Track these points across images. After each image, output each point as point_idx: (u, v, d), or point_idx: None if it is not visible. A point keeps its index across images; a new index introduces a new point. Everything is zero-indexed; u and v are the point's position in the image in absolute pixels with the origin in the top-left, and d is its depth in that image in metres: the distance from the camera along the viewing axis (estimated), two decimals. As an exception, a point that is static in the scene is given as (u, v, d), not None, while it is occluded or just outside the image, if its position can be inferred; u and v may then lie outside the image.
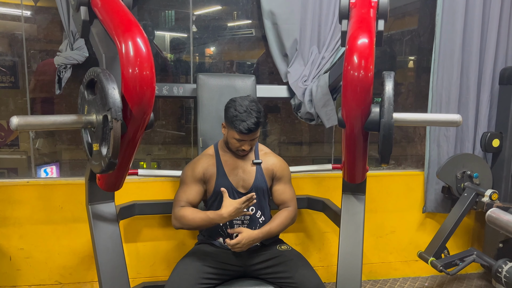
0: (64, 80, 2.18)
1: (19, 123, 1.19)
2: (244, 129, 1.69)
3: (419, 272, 2.85)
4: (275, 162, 1.90)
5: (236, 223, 1.84)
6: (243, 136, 1.73)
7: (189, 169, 1.86)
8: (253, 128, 1.70)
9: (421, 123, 1.99)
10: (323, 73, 2.34)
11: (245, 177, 1.84)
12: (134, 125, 1.35)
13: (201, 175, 1.84)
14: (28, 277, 2.34)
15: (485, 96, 2.61)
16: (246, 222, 1.84)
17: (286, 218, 1.85)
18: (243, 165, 1.85)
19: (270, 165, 1.89)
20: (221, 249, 1.86)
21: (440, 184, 2.68)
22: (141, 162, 2.61)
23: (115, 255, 1.76)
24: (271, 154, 1.94)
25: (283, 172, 1.91)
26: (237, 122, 1.70)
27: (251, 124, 1.69)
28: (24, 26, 2.28)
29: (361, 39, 1.45)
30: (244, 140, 1.76)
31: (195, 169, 1.84)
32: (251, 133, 1.72)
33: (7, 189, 2.25)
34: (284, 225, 1.84)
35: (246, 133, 1.71)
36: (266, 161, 1.89)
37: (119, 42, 1.29)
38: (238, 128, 1.70)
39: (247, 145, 1.77)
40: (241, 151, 1.80)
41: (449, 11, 2.51)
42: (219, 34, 2.54)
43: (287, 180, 1.93)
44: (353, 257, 1.89)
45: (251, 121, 1.70)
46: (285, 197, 1.90)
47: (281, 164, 1.92)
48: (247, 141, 1.76)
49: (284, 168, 1.92)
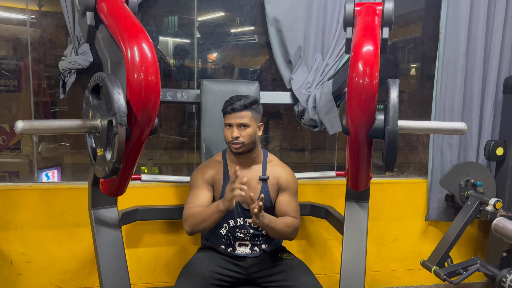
0: (68, 85, 2.18)
1: (24, 127, 1.18)
2: (230, 107, 1.72)
3: (421, 281, 2.83)
4: (282, 174, 1.85)
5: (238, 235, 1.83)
6: (229, 118, 1.73)
7: (199, 173, 1.85)
8: (237, 106, 1.71)
9: (426, 131, 1.98)
10: (327, 80, 2.35)
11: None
12: (139, 130, 1.34)
13: (211, 179, 1.82)
14: (29, 281, 2.33)
15: (489, 104, 2.61)
16: (249, 234, 1.84)
17: (289, 224, 1.76)
18: (249, 180, 1.74)
19: (276, 178, 1.84)
20: (224, 255, 1.85)
21: (443, 192, 2.66)
22: (142, 167, 2.61)
23: (117, 260, 1.75)
24: (279, 166, 1.89)
25: (288, 184, 1.84)
26: (224, 105, 1.77)
27: (235, 103, 1.72)
28: (29, 30, 2.29)
29: (366, 47, 1.45)
30: (232, 125, 1.73)
31: (205, 173, 1.83)
32: (234, 112, 1.72)
33: (10, 193, 2.24)
34: (286, 226, 1.74)
35: (229, 111, 1.72)
36: (273, 173, 1.85)
37: (125, 47, 1.29)
38: (225, 109, 1.75)
39: (235, 130, 1.72)
40: (233, 143, 1.74)
41: (453, 19, 2.51)
42: (223, 40, 2.54)
43: (292, 193, 1.86)
44: (356, 265, 1.87)
45: (236, 101, 1.73)
46: (288, 209, 1.81)
47: (288, 176, 1.86)
48: (234, 126, 1.73)
49: (291, 180, 1.86)
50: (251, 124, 1.75)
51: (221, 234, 1.85)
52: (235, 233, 1.83)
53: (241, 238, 1.84)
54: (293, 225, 1.78)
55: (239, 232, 1.84)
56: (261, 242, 1.88)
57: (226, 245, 1.86)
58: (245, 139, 1.74)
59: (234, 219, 1.82)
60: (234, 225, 1.83)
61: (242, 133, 1.73)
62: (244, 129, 1.74)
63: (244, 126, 1.73)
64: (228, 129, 1.75)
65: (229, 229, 1.84)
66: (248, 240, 1.85)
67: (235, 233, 1.83)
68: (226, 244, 1.86)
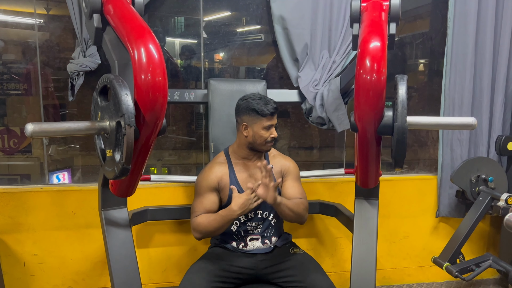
0: (76, 87, 2.20)
1: (34, 130, 1.19)
2: (269, 110, 1.78)
3: (433, 278, 2.81)
4: (283, 162, 1.94)
5: (250, 228, 1.85)
6: (270, 119, 1.80)
7: (202, 179, 1.86)
8: (275, 110, 1.80)
9: (435, 127, 1.96)
10: (334, 77, 2.34)
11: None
12: (147, 131, 1.35)
13: (216, 184, 1.84)
14: (41, 282, 2.36)
15: (499, 98, 2.57)
16: (260, 226, 1.86)
17: (300, 203, 1.81)
18: (255, 173, 1.85)
19: (279, 166, 1.92)
20: (234, 253, 1.87)
21: (454, 188, 2.64)
22: (151, 168, 2.62)
23: (128, 260, 1.76)
24: (280, 156, 1.98)
25: (290, 170, 1.92)
26: (260, 108, 1.78)
27: (272, 105, 1.79)
28: (37, 34, 2.31)
29: (373, 43, 1.44)
30: (272, 125, 1.81)
31: (209, 178, 1.85)
32: (274, 114, 1.80)
33: (22, 195, 2.27)
34: (297, 207, 1.78)
35: (272, 112, 1.79)
36: (275, 163, 1.93)
37: (132, 48, 1.30)
38: (264, 112, 1.77)
39: (274, 130, 1.82)
40: (270, 141, 1.82)
41: (461, 13, 2.48)
42: (229, 39, 2.55)
43: (295, 178, 1.92)
44: (366, 263, 1.86)
45: (271, 103, 1.80)
46: (293, 192, 1.86)
47: (289, 163, 1.95)
48: (274, 126, 1.82)
49: (292, 166, 1.94)
50: None
51: (231, 231, 1.87)
52: (246, 227, 1.86)
53: (252, 231, 1.86)
54: (303, 204, 1.82)
55: (250, 225, 1.86)
56: (271, 233, 1.89)
57: (238, 241, 1.88)
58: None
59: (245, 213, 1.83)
60: (245, 220, 1.86)
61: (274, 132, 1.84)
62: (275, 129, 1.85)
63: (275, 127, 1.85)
64: (267, 130, 1.81)
65: (240, 224, 1.86)
66: (258, 233, 1.86)
67: (246, 227, 1.86)
68: (238, 240, 1.88)
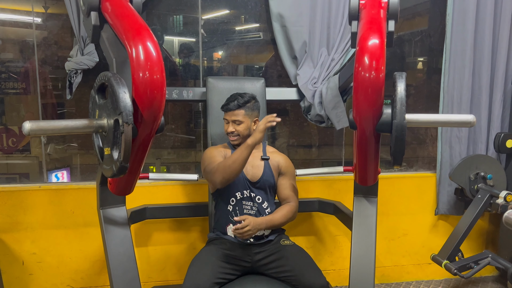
0: (74, 85, 2.19)
1: (31, 128, 1.19)
2: (225, 105, 1.94)
3: (432, 275, 2.81)
4: (281, 159, 2.04)
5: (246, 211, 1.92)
6: (227, 114, 1.94)
7: (212, 150, 1.99)
8: (231, 107, 1.91)
9: (434, 124, 1.95)
10: (333, 75, 2.33)
11: (254, 170, 1.96)
12: (145, 129, 1.34)
13: (223, 155, 1.97)
14: (40, 281, 2.35)
15: (497, 96, 2.57)
16: (254, 212, 1.93)
17: (288, 212, 1.93)
18: (252, 160, 1.95)
19: (276, 161, 2.02)
20: (231, 245, 1.90)
21: (452, 186, 2.64)
22: (150, 166, 2.62)
23: (127, 259, 1.77)
24: (277, 153, 2.08)
25: (287, 168, 2.03)
26: (222, 104, 1.97)
27: (230, 103, 1.92)
28: (35, 32, 2.30)
29: (372, 40, 1.43)
30: (228, 120, 1.94)
31: (217, 149, 1.99)
32: (229, 111, 1.92)
33: (20, 194, 2.27)
34: (285, 217, 1.92)
35: (225, 110, 1.94)
36: (272, 157, 2.02)
37: (130, 46, 1.29)
38: (223, 107, 1.95)
39: (230, 126, 1.94)
40: (230, 134, 1.95)
41: (459, 10, 2.48)
42: (228, 37, 2.54)
43: (291, 177, 2.04)
44: (365, 260, 1.87)
45: (231, 101, 1.93)
46: (287, 193, 1.99)
47: (286, 161, 2.04)
48: (230, 122, 1.94)
49: (289, 165, 2.04)
50: (245, 120, 1.94)
51: (228, 211, 1.93)
52: (242, 206, 1.93)
53: (247, 211, 1.92)
54: (291, 210, 1.95)
55: (245, 204, 1.94)
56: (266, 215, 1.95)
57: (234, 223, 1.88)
58: (241, 133, 1.94)
59: (241, 191, 1.93)
60: (241, 197, 1.93)
61: (237, 128, 1.94)
62: (239, 125, 1.94)
63: (238, 122, 1.93)
64: (226, 124, 1.98)
65: (236, 202, 1.93)
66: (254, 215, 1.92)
67: (242, 206, 1.93)
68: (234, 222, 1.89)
